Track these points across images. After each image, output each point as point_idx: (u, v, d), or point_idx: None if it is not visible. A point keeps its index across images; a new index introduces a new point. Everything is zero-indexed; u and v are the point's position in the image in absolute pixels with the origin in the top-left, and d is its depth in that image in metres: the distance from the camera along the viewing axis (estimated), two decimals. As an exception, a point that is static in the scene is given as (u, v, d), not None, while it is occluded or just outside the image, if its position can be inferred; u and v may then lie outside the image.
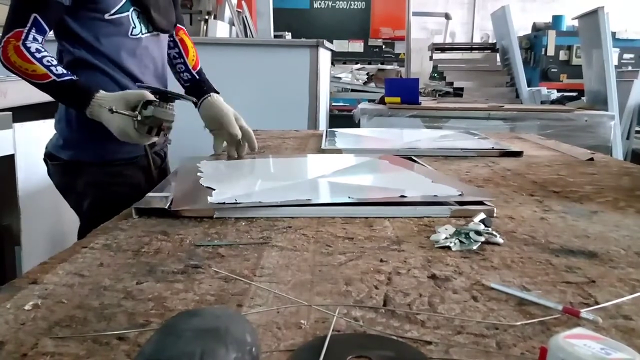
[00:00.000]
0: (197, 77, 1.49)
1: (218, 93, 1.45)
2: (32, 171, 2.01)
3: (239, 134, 1.38)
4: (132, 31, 1.28)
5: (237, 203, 0.95)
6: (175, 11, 1.46)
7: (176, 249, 0.77)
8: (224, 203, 0.95)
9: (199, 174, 1.20)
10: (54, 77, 1.13)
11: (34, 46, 1.14)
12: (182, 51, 1.49)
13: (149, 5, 1.27)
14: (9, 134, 1.92)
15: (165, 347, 0.41)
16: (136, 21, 1.28)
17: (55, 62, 1.16)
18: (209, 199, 0.98)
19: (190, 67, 1.48)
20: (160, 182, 1.21)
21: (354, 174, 1.26)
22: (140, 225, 0.89)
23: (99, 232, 0.85)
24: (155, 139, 1.20)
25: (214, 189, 1.04)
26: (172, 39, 1.47)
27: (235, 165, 1.39)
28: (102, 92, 1.16)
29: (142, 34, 1.31)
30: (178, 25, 1.49)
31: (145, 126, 1.15)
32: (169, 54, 1.49)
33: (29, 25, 1.13)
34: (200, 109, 1.43)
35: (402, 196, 1.00)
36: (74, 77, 1.16)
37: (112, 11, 1.23)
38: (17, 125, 1.94)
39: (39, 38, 1.16)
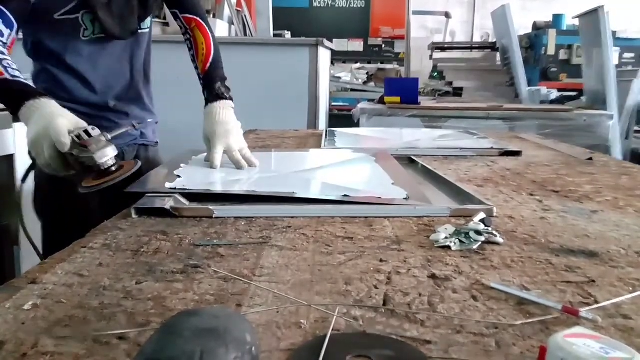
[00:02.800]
0: (203, 82, 1.38)
1: (226, 99, 1.34)
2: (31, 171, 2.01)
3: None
4: (83, 33, 1.24)
5: (184, 189, 1.01)
6: (149, 13, 1.36)
7: (175, 248, 0.77)
8: (174, 188, 1.02)
9: (182, 165, 1.24)
10: (7, 76, 1.04)
11: None
12: (195, 52, 1.38)
13: (96, 8, 1.22)
14: (9, 134, 1.92)
15: (165, 347, 0.41)
16: (88, 23, 1.24)
17: (14, 65, 1.08)
18: (167, 184, 1.04)
19: (199, 71, 1.38)
20: (148, 172, 1.22)
21: (326, 169, 1.32)
22: (140, 225, 0.89)
23: (98, 232, 0.85)
24: (65, 174, 1.03)
25: (180, 177, 1.12)
26: (188, 36, 1.38)
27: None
28: (44, 99, 1.04)
29: (94, 35, 1.26)
30: (189, 15, 1.37)
31: (74, 163, 1.00)
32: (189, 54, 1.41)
33: None
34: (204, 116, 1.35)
35: (345, 195, 1.01)
36: (25, 81, 1.08)
37: (62, 11, 1.20)
38: (17, 125, 1.94)
39: (5, 33, 1.10)
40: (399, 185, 1.10)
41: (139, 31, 1.36)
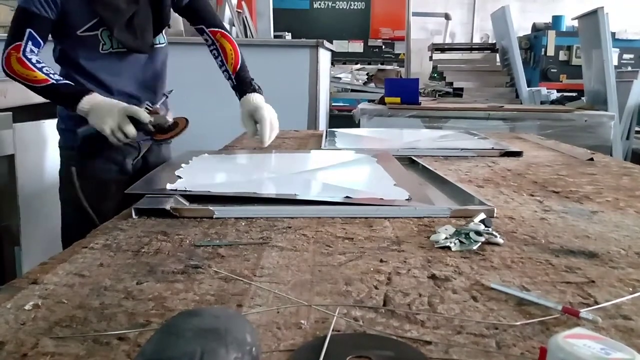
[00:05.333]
0: (235, 82, 1.56)
1: (256, 90, 1.53)
2: (32, 171, 2.02)
3: (250, 131, 1.50)
4: (102, 47, 1.41)
5: (185, 191, 1.03)
6: (166, 24, 1.54)
7: (176, 249, 0.78)
8: (176, 190, 1.04)
9: (183, 165, 1.29)
10: (52, 81, 1.32)
11: (34, 58, 1.33)
12: (223, 58, 1.55)
13: (113, 26, 1.38)
14: (9, 134, 1.92)
15: (166, 347, 0.41)
16: (106, 39, 1.41)
17: (52, 71, 1.36)
18: (168, 185, 1.06)
19: (231, 72, 1.55)
20: (149, 173, 1.31)
21: (327, 170, 1.33)
22: (140, 225, 0.89)
23: (99, 233, 0.85)
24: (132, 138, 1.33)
25: (181, 177, 1.15)
26: (214, 46, 1.55)
27: (228, 160, 1.50)
28: (94, 93, 1.33)
29: (113, 49, 1.42)
30: (214, 29, 1.55)
31: (149, 127, 1.34)
32: (216, 61, 1.57)
33: (25, 38, 1.32)
34: (240, 105, 1.53)
35: (347, 197, 1.02)
36: (69, 82, 1.35)
37: (83, 28, 1.37)
38: (17, 125, 1.94)
39: (35, 50, 1.34)
40: (401, 186, 1.10)
41: (156, 46, 1.52)
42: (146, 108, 1.35)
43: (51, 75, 1.33)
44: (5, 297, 0.61)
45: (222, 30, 1.56)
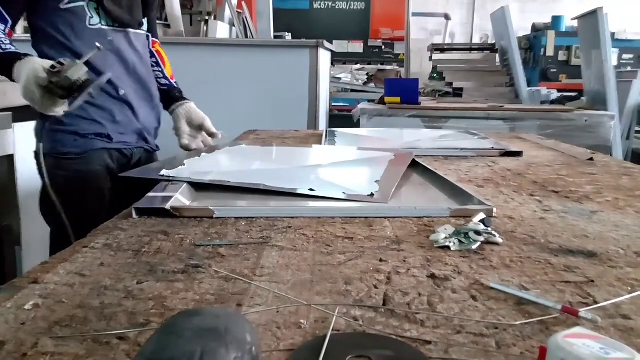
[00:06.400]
0: (176, 85, 1.59)
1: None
2: (32, 171, 2.01)
3: (219, 134, 1.56)
4: (89, 21, 1.31)
5: (176, 178, 1.10)
6: (148, 13, 1.50)
7: (176, 248, 0.78)
8: (169, 176, 1.11)
9: (186, 160, 1.30)
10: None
11: None
12: (160, 61, 1.58)
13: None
14: (9, 134, 1.92)
15: (166, 347, 0.41)
16: (93, 12, 1.32)
17: (7, 42, 1.22)
18: (164, 172, 1.12)
19: (168, 76, 1.58)
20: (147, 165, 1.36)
21: (328, 166, 1.37)
22: (141, 225, 0.89)
23: (100, 232, 0.85)
24: (62, 108, 1.15)
25: (179, 166, 1.20)
26: (149, 49, 1.54)
27: (232, 152, 1.55)
28: (28, 57, 1.17)
29: (103, 26, 1.34)
30: (153, 39, 1.57)
31: (56, 89, 1.11)
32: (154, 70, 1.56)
33: None
34: (176, 111, 1.54)
35: (311, 189, 1.06)
36: (15, 50, 1.20)
37: (66, 0, 1.28)
38: (17, 125, 1.94)
39: (1, 27, 1.24)
40: (380, 183, 1.13)
41: (139, 31, 1.46)
42: (52, 66, 1.11)
43: (2, 44, 1.19)
44: (6, 297, 0.61)
45: (158, 41, 1.61)
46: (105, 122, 1.38)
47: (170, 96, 1.56)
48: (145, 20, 1.50)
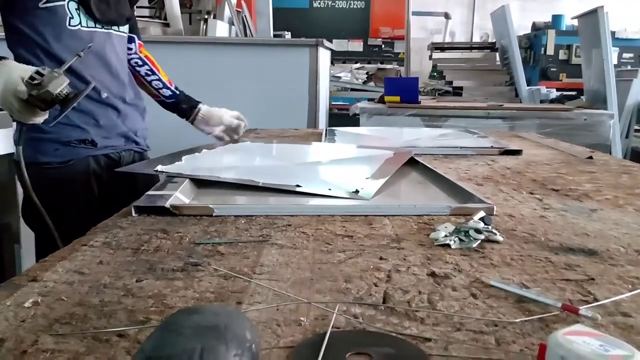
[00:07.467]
0: (178, 92, 1.55)
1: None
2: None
3: (242, 123, 1.63)
4: (69, 22, 1.24)
5: (173, 172, 1.11)
6: (132, 8, 1.44)
7: (176, 246, 0.78)
8: (163, 171, 1.12)
9: (184, 157, 1.30)
10: None
11: None
12: (153, 68, 1.51)
13: None
14: (9, 134, 1.92)
15: (165, 344, 0.41)
16: (74, 12, 1.25)
17: None
18: (159, 167, 1.14)
19: (167, 83, 1.53)
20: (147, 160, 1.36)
21: (326, 164, 1.39)
22: (140, 223, 0.89)
23: (99, 230, 0.85)
24: (43, 117, 1.12)
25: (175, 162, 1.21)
26: (137, 55, 1.49)
27: (233, 149, 1.56)
28: (4, 61, 1.10)
29: (84, 27, 1.27)
30: (139, 42, 1.51)
31: (36, 102, 1.06)
32: (139, 72, 1.50)
33: None
34: (194, 123, 1.57)
35: (298, 185, 1.07)
36: None
37: None
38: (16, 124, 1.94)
39: None
40: (369, 180, 1.14)
41: (118, 32, 1.39)
42: (32, 77, 1.05)
43: None
44: (5, 295, 0.61)
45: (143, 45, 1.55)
46: (89, 127, 1.32)
47: (179, 109, 1.55)
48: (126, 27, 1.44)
